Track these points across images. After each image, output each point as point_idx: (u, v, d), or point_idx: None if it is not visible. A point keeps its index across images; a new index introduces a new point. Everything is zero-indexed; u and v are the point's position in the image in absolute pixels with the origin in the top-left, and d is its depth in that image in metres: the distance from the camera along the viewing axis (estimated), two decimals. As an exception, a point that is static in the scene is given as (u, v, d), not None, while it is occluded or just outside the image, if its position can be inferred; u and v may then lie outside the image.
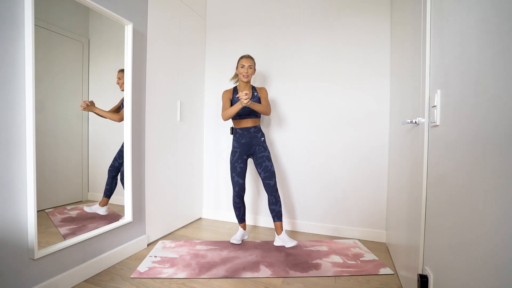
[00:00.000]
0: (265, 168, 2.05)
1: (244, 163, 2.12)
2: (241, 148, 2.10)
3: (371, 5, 2.22)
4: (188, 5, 2.45)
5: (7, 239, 1.18)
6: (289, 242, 1.98)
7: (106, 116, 1.69)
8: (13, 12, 1.18)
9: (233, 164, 2.10)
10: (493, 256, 0.62)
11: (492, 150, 0.64)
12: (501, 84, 0.61)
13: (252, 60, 2.09)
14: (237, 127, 2.13)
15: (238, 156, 2.10)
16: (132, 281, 1.54)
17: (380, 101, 2.22)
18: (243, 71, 2.06)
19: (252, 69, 2.09)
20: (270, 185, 2.05)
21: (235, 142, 2.13)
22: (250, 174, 2.61)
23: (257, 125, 2.14)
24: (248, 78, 2.07)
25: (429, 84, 1.11)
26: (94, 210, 1.67)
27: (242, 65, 2.06)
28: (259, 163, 2.08)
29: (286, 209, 2.50)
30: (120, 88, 1.76)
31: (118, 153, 1.77)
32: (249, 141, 2.10)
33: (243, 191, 2.13)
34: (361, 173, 2.27)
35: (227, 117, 2.03)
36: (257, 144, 2.10)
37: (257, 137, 2.11)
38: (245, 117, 2.10)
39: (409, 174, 1.40)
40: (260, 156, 2.08)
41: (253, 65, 2.09)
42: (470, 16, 0.77)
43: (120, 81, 1.75)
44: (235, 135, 2.14)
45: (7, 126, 1.17)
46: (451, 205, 0.87)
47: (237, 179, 2.10)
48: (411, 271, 1.27)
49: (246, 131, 2.10)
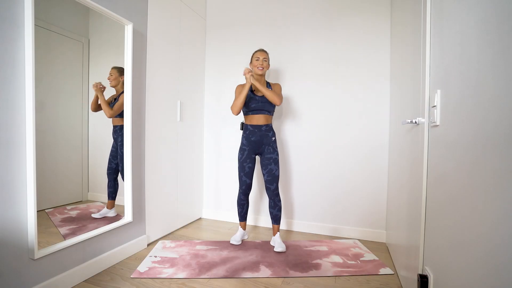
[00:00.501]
0: (269, 172, 2.02)
1: (253, 162, 2.08)
2: (250, 146, 2.04)
3: (371, 5, 2.23)
4: (188, 5, 2.45)
5: (7, 239, 1.18)
6: (278, 247, 1.94)
7: (103, 107, 1.67)
8: (13, 12, 1.18)
9: (242, 163, 2.06)
10: (493, 256, 0.62)
11: (492, 150, 0.64)
12: (501, 84, 0.61)
13: (266, 54, 2.05)
14: (248, 123, 2.06)
15: (247, 155, 2.05)
16: (132, 281, 1.54)
17: (380, 101, 2.22)
18: (258, 64, 2.01)
19: (267, 62, 2.04)
20: (271, 189, 2.03)
21: (244, 139, 2.06)
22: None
23: (269, 123, 2.07)
24: (263, 71, 2.01)
25: (429, 84, 1.11)
26: (104, 214, 1.68)
27: (257, 58, 2.02)
28: (264, 164, 2.04)
29: (285, 209, 2.50)
30: (109, 84, 1.72)
31: (110, 154, 1.74)
32: (259, 139, 2.03)
33: (250, 190, 2.11)
34: (361, 173, 2.27)
35: (237, 107, 1.96)
36: (267, 144, 2.04)
37: (268, 136, 2.04)
38: (257, 113, 2.02)
39: (409, 174, 1.40)
40: (267, 157, 2.03)
41: (267, 59, 2.05)
42: (470, 16, 0.77)
43: (111, 77, 1.72)
44: (245, 132, 2.07)
45: (7, 126, 1.17)
46: (451, 205, 0.87)
47: (245, 179, 2.07)
48: (411, 271, 1.27)
49: (257, 128, 2.03)
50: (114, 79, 1.73)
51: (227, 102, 2.69)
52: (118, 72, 1.75)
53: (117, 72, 1.74)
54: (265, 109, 2.02)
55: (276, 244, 1.98)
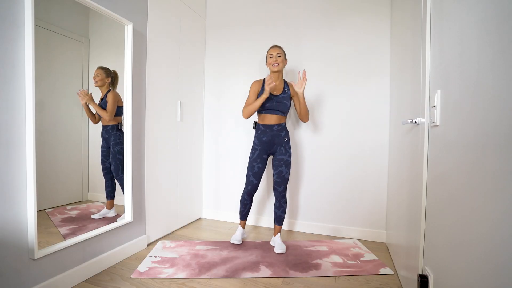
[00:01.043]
0: (279, 173, 1.97)
1: (263, 163, 2.00)
2: (262, 146, 1.97)
3: (371, 5, 2.23)
4: (188, 5, 2.45)
5: (7, 239, 1.18)
6: (278, 248, 1.93)
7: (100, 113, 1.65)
8: (13, 12, 1.18)
9: (252, 162, 1.99)
10: (493, 256, 0.62)
11: (492, 150, 0.64)
12: (501, 84, 0.61)
13: (280, 49, 1.95)
14: (260, 122, 2.00)
15: (258, 155, 1.98)
16: (132, 281, 1.54)
17: (380, 101, 2.22)
18: (272, 61, 1.92)
19: (282, 58, 1.94)
20: (278, 190, 2.00)
21: (256, 139, 2.00)
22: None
23: (282, 122, 1.98)
24: (278, 67, 1.92)
25: (429, 84, 1.11)
26: (104, 214, 1.68)
27: (271, 55, 1.94)
28: (275, 165, 1.98)
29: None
30: (95, 84, 1.66)
31: (102, 154, 1.70)
32: (270, 139, 1.96)
33: (255, 191, 2.06)
34: (361, 173, 2.27)
35: (248, 114, 1.89)
36: (279, 144, 1.98)
37: (280, 136, 1.97)
38: (271, 112, 1.94)
39: (409, 174, 1.40)
40: (279, 158, 1.97)
41: (282, 54, 1.94)
42: (470, 16, 0.77)
43: (97, 78, 1.66)
44: (257, 131, 2.00)
45: (7, 126, 1.17)
46: (451, 205, 0.87)
47: (252, 179, 2.00)
48: (411, 271, 1.27)
49: (268, 128, 1.96)
50: (100, 80, 1.67)
51: (227, 102, 2.69)
52: (105, 73, 1.70)
53: (104, 73, 1.69)
54: (279, 109, 1.95)
55: (276, 245, 1.98)
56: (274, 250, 1.96)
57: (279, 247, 1.94)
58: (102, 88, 1.71)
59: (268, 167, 2.52)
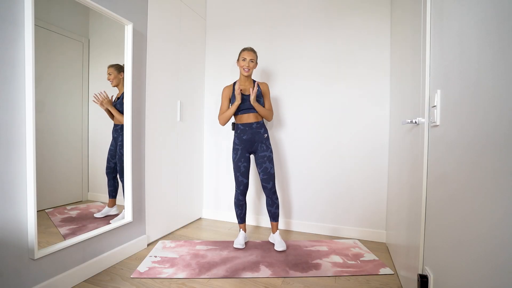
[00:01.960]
0: (265, 170, 2.01)
1: (247, 161, 2.05)
2: (243, 145, 2.02)
3: (371, 5, 2.23)
4: (188, 5, 2.45)
5: (7, 239, 1.18)
6: (279, 245, 1.94)
7: (119, 118, 1.71)
8: (13, 12, 1.18)
9: (236, 163, 2.03)
10: (493, 256, 0.62)
11: (492, 150, 0.64)
12: (501, 84, 0.61)
13: (253, 54, 2.00)
14: (238, 122, 2.05)
15: (241, 155, 2.03)
16: (132, 281, 1.54)
17: (380, 101, 2.22)
18: (244, 64, 1.97)
19: (254, 63, 2.00)
20: (268, 188, 2.01)
21: (236, 138, 2.05)
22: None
23: (260, 120, 2.04)
24: (248, 72, 1.98)
25: (429, 84, 1.11)
26: (106, 213, 1.68)
27: (244, 58, 1.98)
28: (259, 163, 2.03)
29: (285, 209, 2.50)
30: (111, 84, 1.69)
31: (109, 153, 1.73)
32: (251, 137, 2.01)
33: (247, 189, 2.09)
34: (361, 173, 2.27)
35: (224, 121, 2.01)
36: (260, 141, 2.02)
37: (259, 133, 2.02)
38: (247, 112, 2.00)
39: (409, 174, 1.40)
40: (261, 155, 2.02)
41: (254, 59, 2.00)
42: (470, 16, 0.77)
43: (111, 77, 1.68)
44: (236, 131, 2.05)
45: (7, 126, 1.17)
46: (451, 205, 0.87)
47: (242, 179, 2.03)
48: (411, 271, 1.27)
49: (248, 126, 2.01)
50: (114, 78, 1.70)
51: (227, 102, 2.69)
52: (116, 70, 1.72)
53: (115, 70, 1.71)
54: (253, 108, 2.00)
55: (276, 242, 1.99)
56: (274, 247, 1.97)
57: (280, 244, 1.95)
58: (119, 86, 1.72)
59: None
